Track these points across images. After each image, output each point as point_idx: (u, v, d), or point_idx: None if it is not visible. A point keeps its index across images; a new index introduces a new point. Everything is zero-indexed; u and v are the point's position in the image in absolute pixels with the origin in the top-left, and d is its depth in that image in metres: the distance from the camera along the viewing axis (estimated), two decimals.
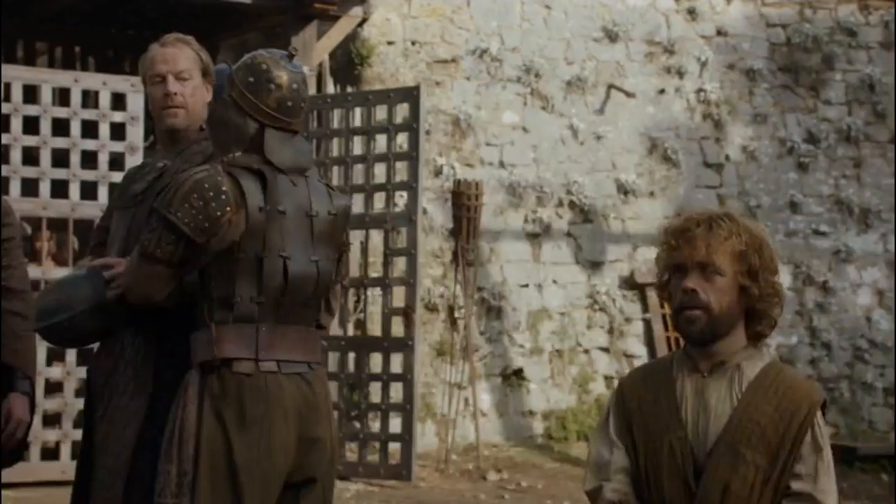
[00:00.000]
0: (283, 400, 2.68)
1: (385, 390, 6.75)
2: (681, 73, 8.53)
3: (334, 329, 7.05)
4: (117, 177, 5.22)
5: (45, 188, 6.26)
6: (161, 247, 2.65)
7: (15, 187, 6.16)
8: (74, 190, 6.32)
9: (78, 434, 5.77)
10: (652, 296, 8.18)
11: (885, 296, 8.88)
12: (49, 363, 6.32)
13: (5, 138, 6.17)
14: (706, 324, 2.34)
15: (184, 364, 2.72)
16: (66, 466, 5.86)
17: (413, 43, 7.88)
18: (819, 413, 2.35)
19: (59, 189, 6.31)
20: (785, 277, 8.68)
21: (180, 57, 2.92)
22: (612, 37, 8.37)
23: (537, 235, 8.15)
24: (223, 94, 2.78)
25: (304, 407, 2.72)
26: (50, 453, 6.36)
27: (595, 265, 8.27)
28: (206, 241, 2.64)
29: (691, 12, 8.61)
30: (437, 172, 7.84)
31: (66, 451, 6.26)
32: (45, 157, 6.24)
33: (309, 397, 2.73)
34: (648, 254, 8.00)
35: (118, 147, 6.38)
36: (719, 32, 8.68)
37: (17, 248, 3.19)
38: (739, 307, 2.36)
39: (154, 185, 2.88)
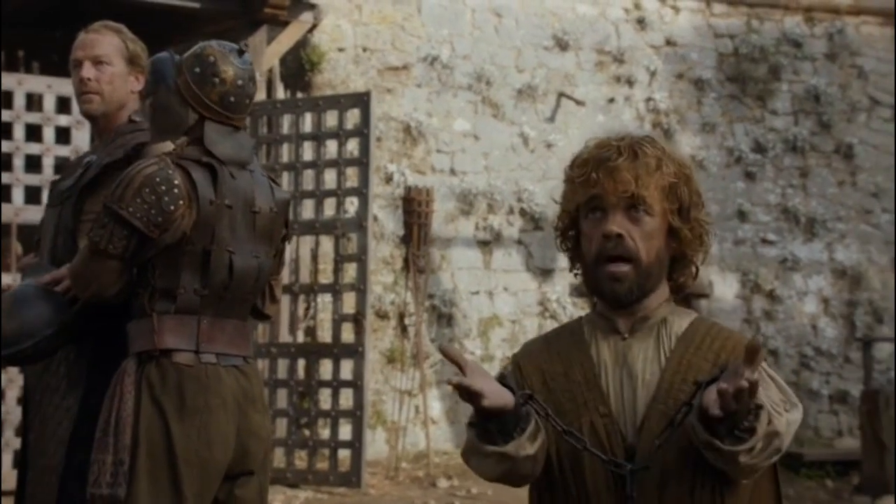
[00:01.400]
0: (223, 391, 2.68)
1: (335, 397, 6.71)
2: (630, 82, 8.60)
3: (284, 336, 7.00)
4: None
5: None
6: (113, 242, 2.62)
7: None
8: (18, 194, 6.22)
9: (18, 443, 5.66)
10: None
11: (831, 304, 9.00)
12: None
13: None
14: (635, 280, 1.89)
15: (118, 358, 2.68)
16: (6, 475, 5.74)
17: (364, 49, 7.87)
18: (764, 365, 1.87)
19: (2, 193, 6.20)
20: (733, 285, 8.77)
21: (100, 42, 2.88)
22: (562, 45, 8.42)
23: (488, 243, 8.15)
24: (166, 82, 2.75)
25: (242, 399, 2.71)
26: None
27: (546, 273, 8.30)
28: (159, 236, 2.62)
29: (640, 22, 8.68)
30: (388, 179, 7.82)
31: (6, 460, 6.14)
32: None
33: (247, 389, 2.73)
34: None
35: (63, 151, 6.28)
36: (668, 42, 8.77)
37: None
38: (667, 254, 1.92)
39: (80, 180, 2.84)
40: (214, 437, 2.65)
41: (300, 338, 7.17)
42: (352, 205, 6.98)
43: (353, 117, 6.80)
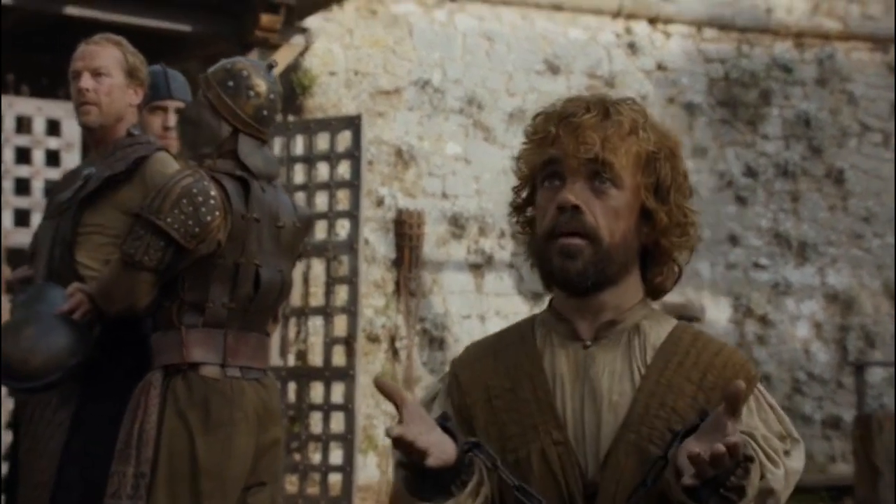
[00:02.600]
0: (246, 405, 2.69)
1: (326, 421, 6.66)
2: None
3: (275, 359, 6.96)
4: None
5: None
6: (149, 254, 2.62)
7: None
8: (7, 217, 6.19)
9: (4, 469, 5.61)
10: None
11: (823, 328, 8.99)
12: None
13: None
14: (591, 260, 1.50)
15: (110, 371, 2.67)
16: None
17: (355, 73, 7.88)
18: (762, 388, 1.57)
19: None
20: (725, 310, 8.76)
21: (99, 54, 2.88)
22: (553, 70, 8.44)
23: (480, 266, 8.14)
24: (160, 95, 2.77)
25: (262, 412, 2.73)
26: None
27: (537, 296, 8.27)
28: (195, 247, 2.62)
29: (631, 46, 8.72)
30: (380, 202, 7.81)
31: None
32: None
33: (267, 402, 2.74)
34: None
35: (52, 174, 6.26)
36: (659, 67, 8.80)
37: None
38: (638, 240, 1.55)
39: (78, 193, 2.83)
40: (236, 451, 2.66)
41: (291, 361, 7.13)
42: (343, 227, 6.96)
43: (344, 140, 6.80)
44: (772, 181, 9.00)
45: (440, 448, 1.42)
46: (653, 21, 8.76)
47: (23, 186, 6.27)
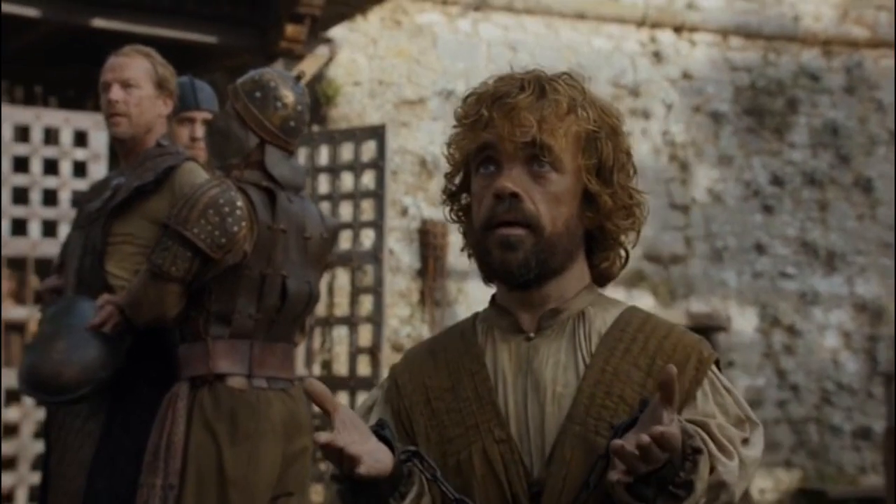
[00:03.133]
0: (272, 416, 2.69)
1: None
2: (647, 116, 8.58)
3: (300, 369, 6.95)
4: None
5: (4, 226, 6.16)
6: (176, 264, 2.62)
7: None
8: (34, 228, 6.23)
9: (35, 478, 5.61)
10: None
11: (852, 338, 8.90)
12: (7, 404, 6.18)
13: None
14: (532, 250, 1.42)
15: (140, 383, 2.67)
16: None
17: (380, 83, 7.88)
18: (715, 370, 1.46)
19: (19, 227, 6.21)
20: (751, 319, 8.69)
21: (129, 66, 2.90)
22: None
23: None
24: (188, 106, 2.79)
25: (289, 423, 2.72)
26: (6, 498, 6.19)
27: None
28: (222, 257, 2.62)
29: (656, 55, 8.68)
30: (404, 212, 7.81)
31: (22, 495, 6.10)
32: (6, 195, 6.15)
33: (294, 412, 2.74)
34: (613, 294, 7.98)
35: (80, 185, 6.29)
36: (685, 76, 8.76)
37: None
38: (582, 226, 1.46)
39: (108, 203, 2.84)
40: (263, 462, 2.65)
41: (316, 371, 7.12)
42: (367, 238, 6.96)
43: (368, 150, 6.80)
44: (799, 190, 8.93)
45: (374, 457, 1.31)
46: (678, 29, 8.73)
47: (50, 197, 6.32)
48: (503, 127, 1.41)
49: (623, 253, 1.51)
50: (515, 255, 1.41)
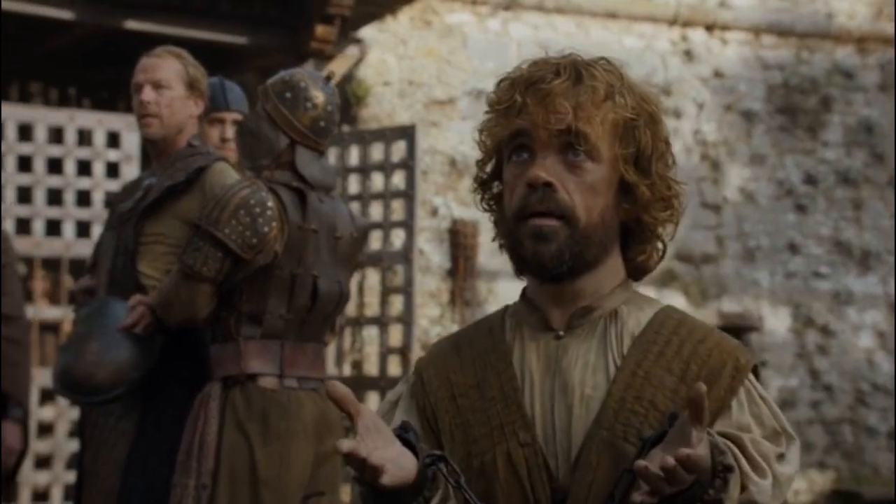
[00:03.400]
0: (303, 416, 2.71)
1: None
2: (678, 115, 8.54)
3: (330, 369, 6.98)
4: None
5: (38, 227, 6.22)
6: (207, 265, 2.63)
7: (8, 226, 6.11)
8: (68, 229, 6.29)
9: (70, 476, 5.66)
10: None
11: (887, 338, 8.81)
12: (41, 403, 6.25)
13: None
14: (566, 242, 1.36)
15: (172, 383, 2.69)
16: None
17: (409, 83, 7.89)
18: (752, 378, 1.40)
19: (53, 228, 6.27)
20: (784, 319, 8.62)
21: (160, 66, 2.91)
22: None
23: None
24: (218, 107, 2.80)
25: (320, 422, 2.74)
26: (41, 497, 6.25)
27: None
28: (253, 258, 2.63)
29: (688, 54, 8.63)
30: (434, 212, 7.81)
31: (57, 493, 6.16)
32: (40, 196, 6.21)
33: (325, 412, 2.75)
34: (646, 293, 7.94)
35: (113, 186, 6.35)
36: (716, 74, 8.70)
37: (11, 274, 3.17)
38: (618, 218, 1.41)
39: (140, 203, 2.86)
40: (294, 462, 2.67)
41: (347, 371, 7.14)
42: (398, 238, 6.97)
43: (398, 150, 6.81)
44: (832, 189, 8.85)
45: (397, 464, 1.27)
46: (710, 28, 8.67)
47: (84, 198, 6.37)
48: (537, 113, 1.36)
49: (660, 246, 1.45)
50: (548, 246, 1.35)
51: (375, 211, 6.82)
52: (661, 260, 1.46)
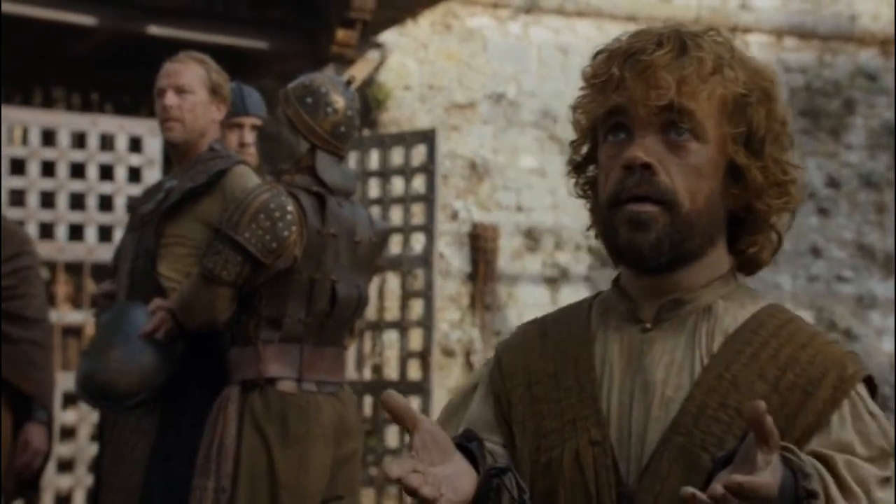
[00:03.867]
0: (322, 420, 2.72)
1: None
2: None
3: (350, 373, 6.99)
4: None
5: (61, 232, 6.26)
6: (227, 268, 2.64)
7: (31, 231, 6.15)
8: (91, 233, 6.32)
9: (91, 479, 5.69)
10: None
11: None
12: (64, 407, 6.28)
13: (22, 182, 6.20)
14: (665, 230, 1.22)
15: (192, 381, 2.70)
16: None
17: (430, 87, 7.90)
18: (861, 390, 1.22)
19: (75, 233, 6.31)
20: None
21: (183, 72, 2.93)
22: None
23: (555, 280, 8.08)
24: (237, 112, 2.82)
25: (339, 426, 2.74)
26: (63, 500, 6.29)
27: None
28: (272, 262, 2.64)
29: None
30: (454, 216, 7.81)
31: (79, 497, 6.19)
32: (62, 201, 6.25)
33: (343, 416, 2.76)
34: None
35: (135, 191, 6.37)
36: None
37: (35, 277, 3.19)
38: (725, 205, 1.26)
39: (160, 205, 2.88)
40: (313, 465, 2.68)
41: (367, 375, 7.15)
42: (418, 241, 6.97)
43: (418, 154, 6.81)
44: (855, 192, 8.79)
45: (453, 487, 1.14)
46: (732, 30, 8.63)
47: (106, 203, 6.41)
48: (636, 88, 1.22)
49: (774, 237, 1.30)
50: (646, 235, 1.21)
51: (396, 215, 6.83)
52: (775, 252, 1.32)
